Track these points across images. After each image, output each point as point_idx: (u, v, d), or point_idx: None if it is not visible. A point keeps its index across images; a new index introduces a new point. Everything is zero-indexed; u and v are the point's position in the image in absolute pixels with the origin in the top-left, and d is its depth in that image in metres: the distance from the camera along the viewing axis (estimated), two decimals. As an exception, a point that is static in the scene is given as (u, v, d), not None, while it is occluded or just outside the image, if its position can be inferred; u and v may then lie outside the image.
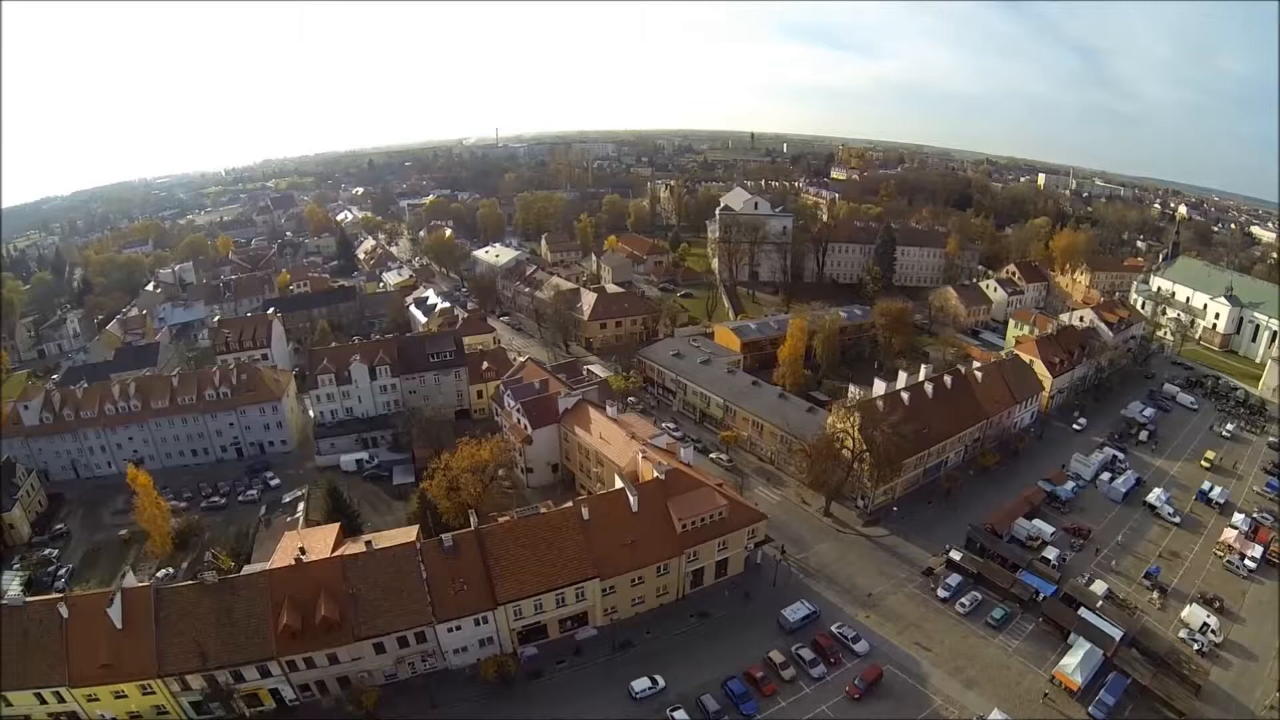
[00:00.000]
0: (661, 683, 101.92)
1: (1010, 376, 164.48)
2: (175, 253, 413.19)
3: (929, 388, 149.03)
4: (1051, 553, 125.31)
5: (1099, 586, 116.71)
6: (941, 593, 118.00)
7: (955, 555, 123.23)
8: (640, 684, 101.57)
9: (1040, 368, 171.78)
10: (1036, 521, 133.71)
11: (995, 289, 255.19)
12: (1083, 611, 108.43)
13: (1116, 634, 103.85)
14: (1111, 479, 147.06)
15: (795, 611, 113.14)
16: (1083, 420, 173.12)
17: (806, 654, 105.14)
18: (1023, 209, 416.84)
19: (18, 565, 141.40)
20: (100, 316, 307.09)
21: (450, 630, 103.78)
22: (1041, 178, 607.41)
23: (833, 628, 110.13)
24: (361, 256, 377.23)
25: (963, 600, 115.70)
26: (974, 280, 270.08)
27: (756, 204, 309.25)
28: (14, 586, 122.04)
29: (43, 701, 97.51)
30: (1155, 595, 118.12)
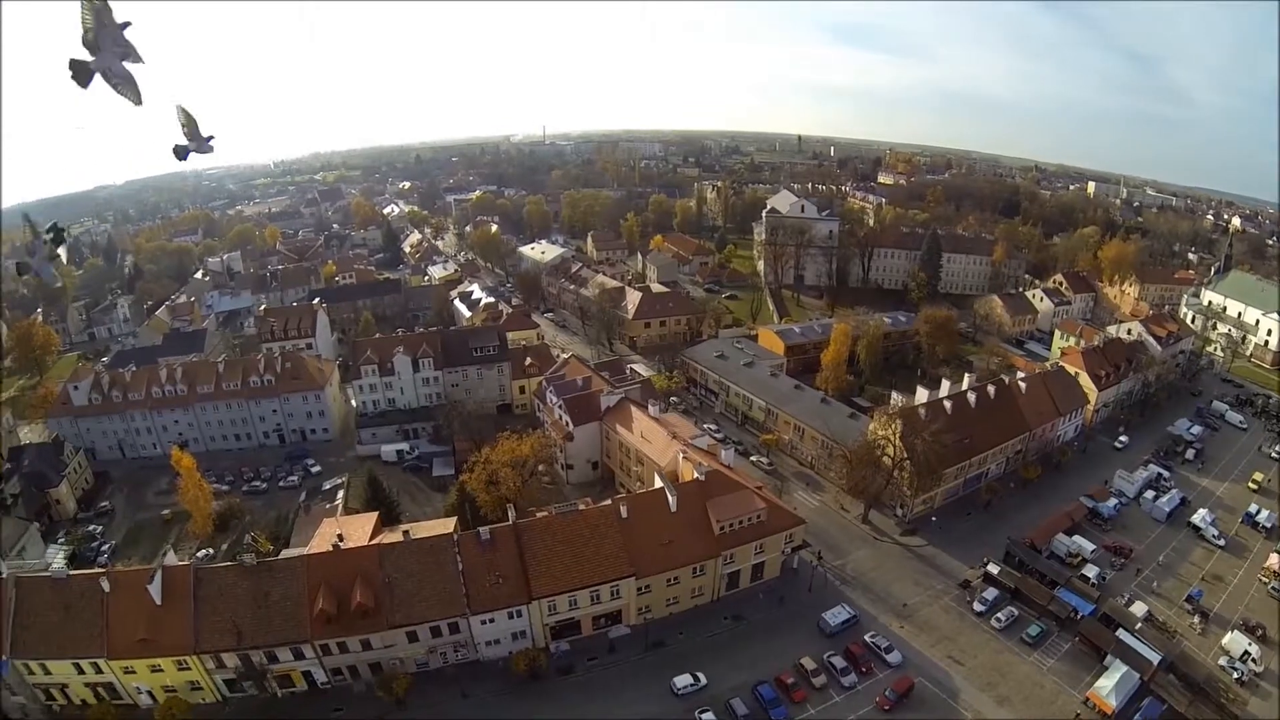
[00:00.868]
0: (704, 680, 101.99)
1: (1055, 388, 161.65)
2: (224, 242, 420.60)
3: (972, 397, 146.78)
4: (1091, 571, 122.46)
5: (1138, 608, 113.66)
6: (978, 606, 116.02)
7: (993, 569, 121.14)
8: (682, 680, 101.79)
9: (1085, 380, 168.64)
10: (1077, 538, 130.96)
11: (1041, 299, 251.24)
12: (1121, 633, 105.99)
13: (1155, 658, 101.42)
14: (1155, 498, 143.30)
15: (836, 615, 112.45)
16: (1124, 438, 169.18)
17: (838, 662, 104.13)
18: (1071, 218, 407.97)
19: (63, 539, 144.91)
20: (150, 302, 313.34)
21: (483, 622, 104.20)
22: (1091, 186, 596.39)
23: (866, 637, 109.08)
24: (407, 250, 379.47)
25: (999, 615, 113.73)
26: (1020, 289, 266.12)
27: (803, 207, 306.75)
28: (58, 560, 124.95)
29: (80, 672, 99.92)
30: (1196, 620, 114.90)
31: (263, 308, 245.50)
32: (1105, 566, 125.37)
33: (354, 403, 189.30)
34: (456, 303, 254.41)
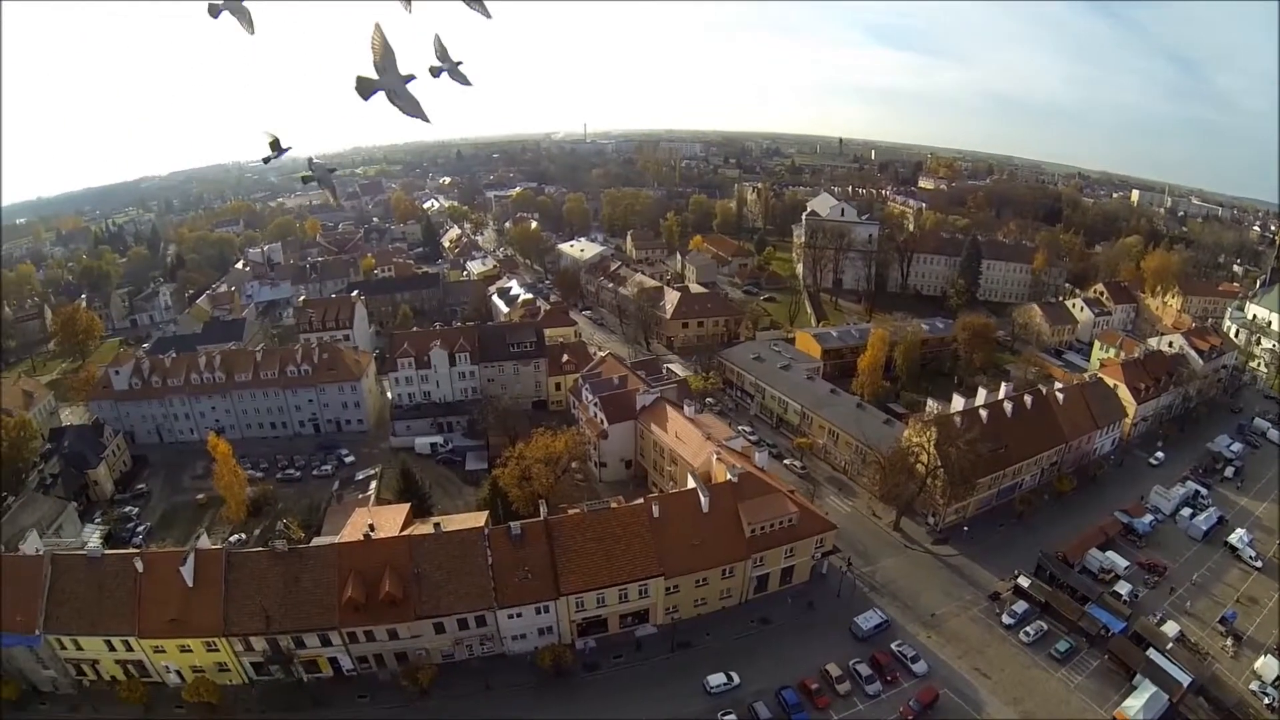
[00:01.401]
0: (737, 679, 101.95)
1: (1093, 400, 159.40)
2: (265, 233, 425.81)
3: (1008, 406, 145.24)
4: (1124, 588, 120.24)
5: (1170, 628, 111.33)
6: (1006, 619, 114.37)
7: (1024, 582, 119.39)
8: (716, 679, 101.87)
9: (1124, 393, 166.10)
10: (1110, 554, 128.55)
11: (1081, 308, 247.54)
12: (1151, 652, 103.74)
13: (1185, 679, 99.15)
14: (1192, 515, 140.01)
15: (868, 620, 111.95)
16: (1160, 455, 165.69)
17: (864, 669, 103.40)
18: (1114, 226, 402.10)
19: (99, 519, 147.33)
20: (191, 291, 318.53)
21: (511, 617, 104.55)
22: (1135, 194, 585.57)
23: (892, 645, 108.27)
24: (446, 244, 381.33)
25: (1028, 629, 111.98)
26: (1060, 298, 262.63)
27: (843, 210, 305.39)
28: (94, 539, 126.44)
29: (111, 649, 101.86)
30: (1229, 642, 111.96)
31: (302, 298, 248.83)
32: (1138, 584, 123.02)
33: (389, 394, 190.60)
34: (495, 298, 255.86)
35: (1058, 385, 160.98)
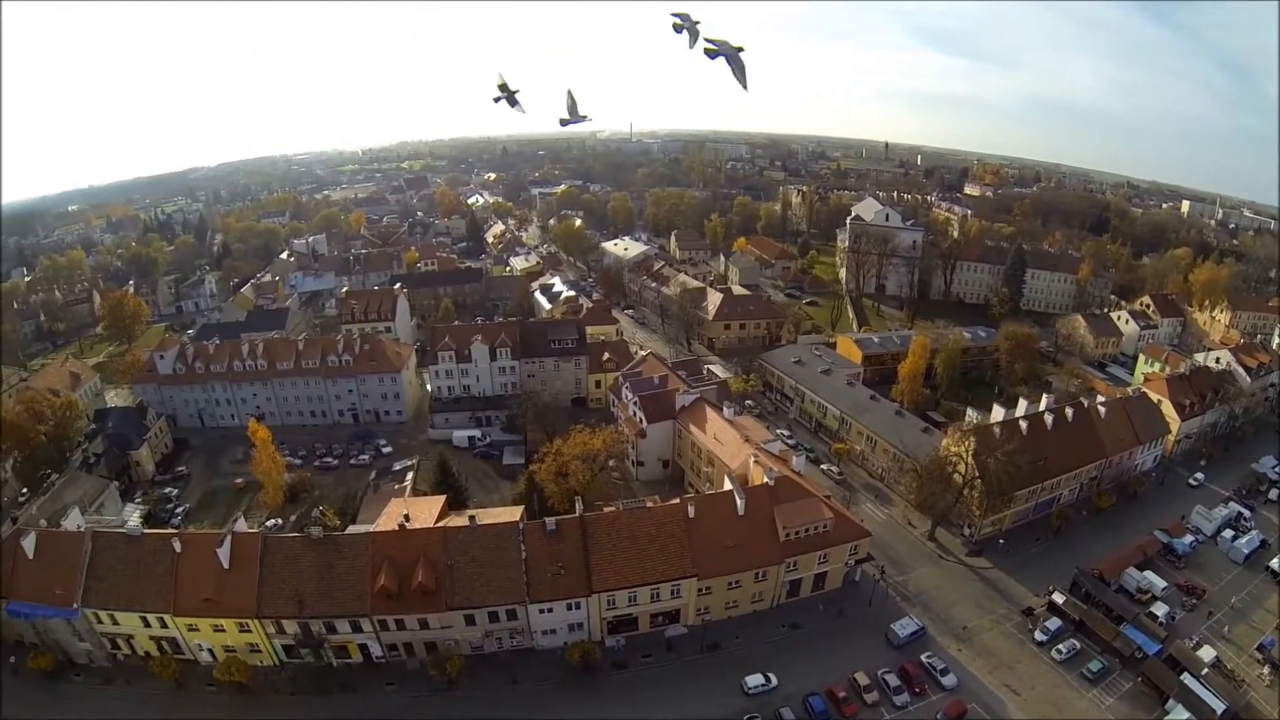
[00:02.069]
0: (775, 681, 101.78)
1: (1135, 415, 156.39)
2: (310, 225, 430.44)
3: (1049, 419, 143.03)
4: (1160, 609, 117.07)
5: (1206, 652, 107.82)
6: (1039, 636, 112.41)
7: (1058, 598, 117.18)
8: (754, 680, 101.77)
9: (1168, 409, 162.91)
10: (1148, 573, 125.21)
11: (1127, 321, 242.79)
12: (1185, 677, 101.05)
13: (1219, 706, 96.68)
14: (1234, 538, 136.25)
15: (904, 627, 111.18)
16: (1200, 475, 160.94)
17: (892, 680, 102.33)
18: (1163, 237, 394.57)
19: (140, 499, 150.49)
20: (236, 280, 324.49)
21: (542, 611, 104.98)
22: (1185, 205, 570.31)
23: (922, 657, 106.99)
24: (490, 240, 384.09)
25: (1060, 647, 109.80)
26: (1105, 310, 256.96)
27: (888, 215, 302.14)
28: (134, 518, 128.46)
29: (146, 625, 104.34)
30: (1266, 670, 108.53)
31: (345, 290, 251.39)
32: (1175, 606, 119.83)
33: (429, 387, 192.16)
34: (537, 294, 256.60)
35: (1100, 399, 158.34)
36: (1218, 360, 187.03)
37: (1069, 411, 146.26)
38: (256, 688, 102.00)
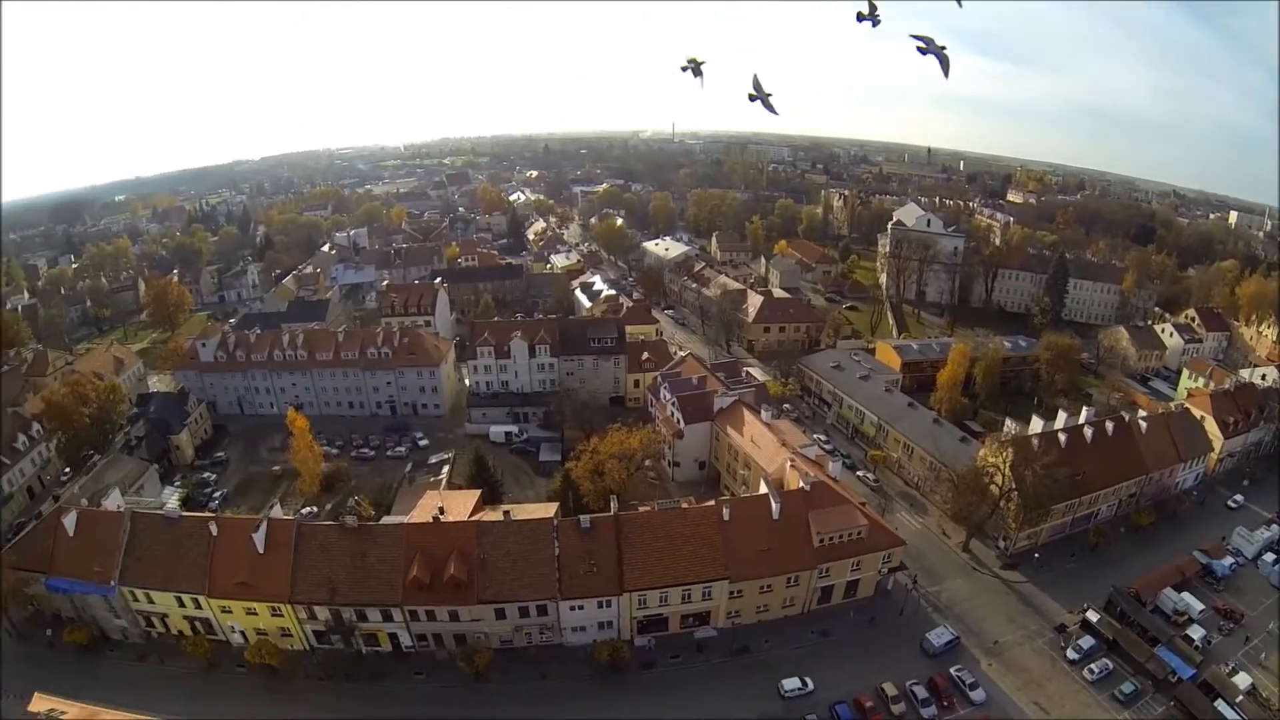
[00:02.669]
0: (811, 685, 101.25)
1: (1177, 431, 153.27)
2: (352, 218, 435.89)
3: (1089, 432, 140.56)
4: (1196, 632, 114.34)
5: (1242, 679, 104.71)
6: (1071, 654, 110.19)
7: (1092, 616, 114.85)
8: (790, 683, 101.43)
9: (1211, 426, 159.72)
10: (1185, 595, 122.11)
11: (1171, 334, 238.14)
12: (1219, 703, 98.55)
13: None
14: (1275, 561, 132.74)
15: (939, 636, 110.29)
16: (1239, 497, 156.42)
17: (920, 691, 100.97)
18: (1209, 249, 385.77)
19: (179, 483, 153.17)
20: (278, 271, 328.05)
21: (573, 608, 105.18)
22: (1233, 216, 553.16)
23: (952, 670, 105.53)
24: (531, 237, 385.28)
25: (1092, 666, 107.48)
26: (1148, 322, 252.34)
27: (929, 221, 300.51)
28: (173, 501, 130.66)
29: (181, 605, 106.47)
30: None
31: (385, 283, 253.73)
32: (1212, 629, 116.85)
33: (467, 382, 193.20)
34: (577, 293, 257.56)
35: (1141, 413, 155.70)
36: (1264, 377, 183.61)
37: (1109, 425, 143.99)
38: (286, 671, 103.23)
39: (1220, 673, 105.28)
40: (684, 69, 36.44)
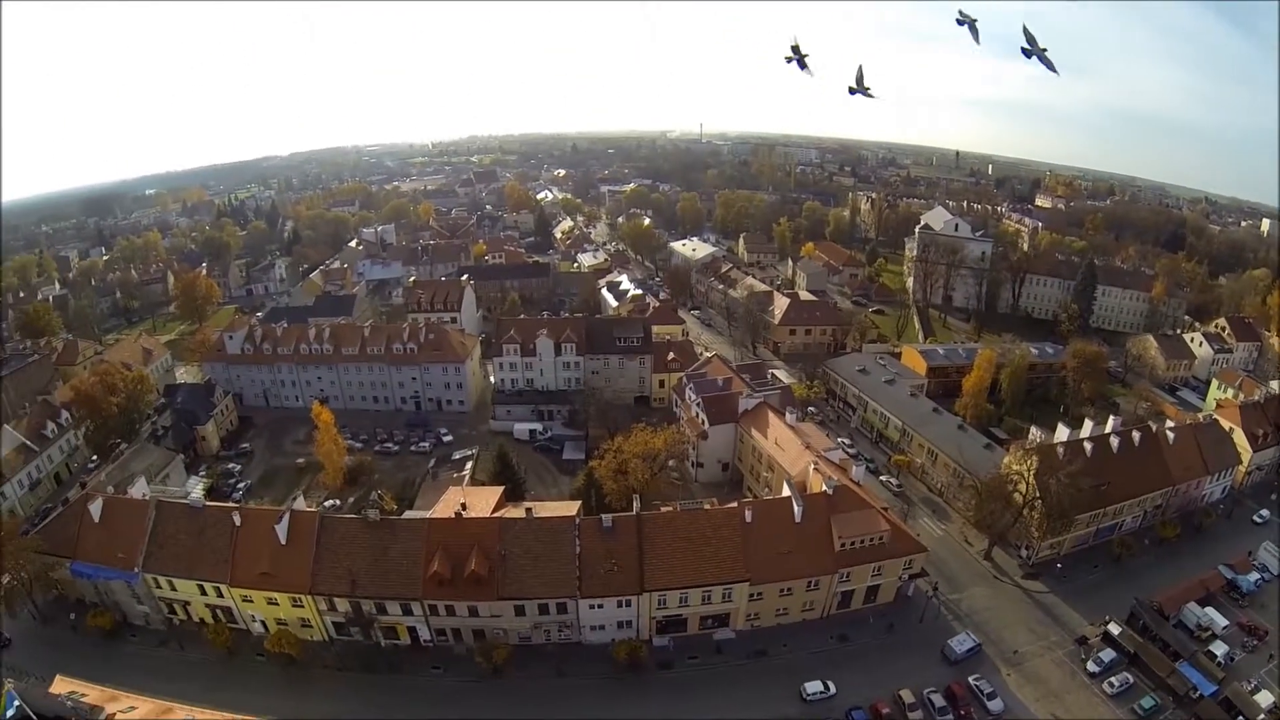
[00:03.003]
0: (834, 689, 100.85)
1: (1205, 443, 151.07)
2: (379, 215, 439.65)
3: (1115, 441, 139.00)
4: (1219, 648, 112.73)
5: (1264, 698, 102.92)
6: (1092, 666, 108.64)
7: (1114, 629, 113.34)
8: (813, 686, 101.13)
9: (1240, 438, 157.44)
10: (1209, 610, 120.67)
11: (1200, 343, 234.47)
12: None
13: None
14: None
15: (961, 643, 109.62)
16: (1265, 513, 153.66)
17: (937, 700, 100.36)
18: (1241, 257, 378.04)
19: (204, 473, 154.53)
20: (305, 266, 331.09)
21: (592, 607, 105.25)
22: (1266, 223, 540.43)
23: (970, 679, 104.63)
24: (558, 236, 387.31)
25: (1113, 679, 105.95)
26: (1178, 331, 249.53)
27: (957, 225, 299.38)
28: (197, 490, 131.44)
29: (203, 593, 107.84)
30: None
31: (412, 279, 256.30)
32: (1235, 646, 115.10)
33: (492, 379, 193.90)
34: (604, 292, 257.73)
35: (1169, 424, 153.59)
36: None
37: (1136, 435, 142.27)
38: (305, 661, 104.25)
39: (1242, 690, 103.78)
40: (788, 60, 37.25)
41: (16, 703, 60.32)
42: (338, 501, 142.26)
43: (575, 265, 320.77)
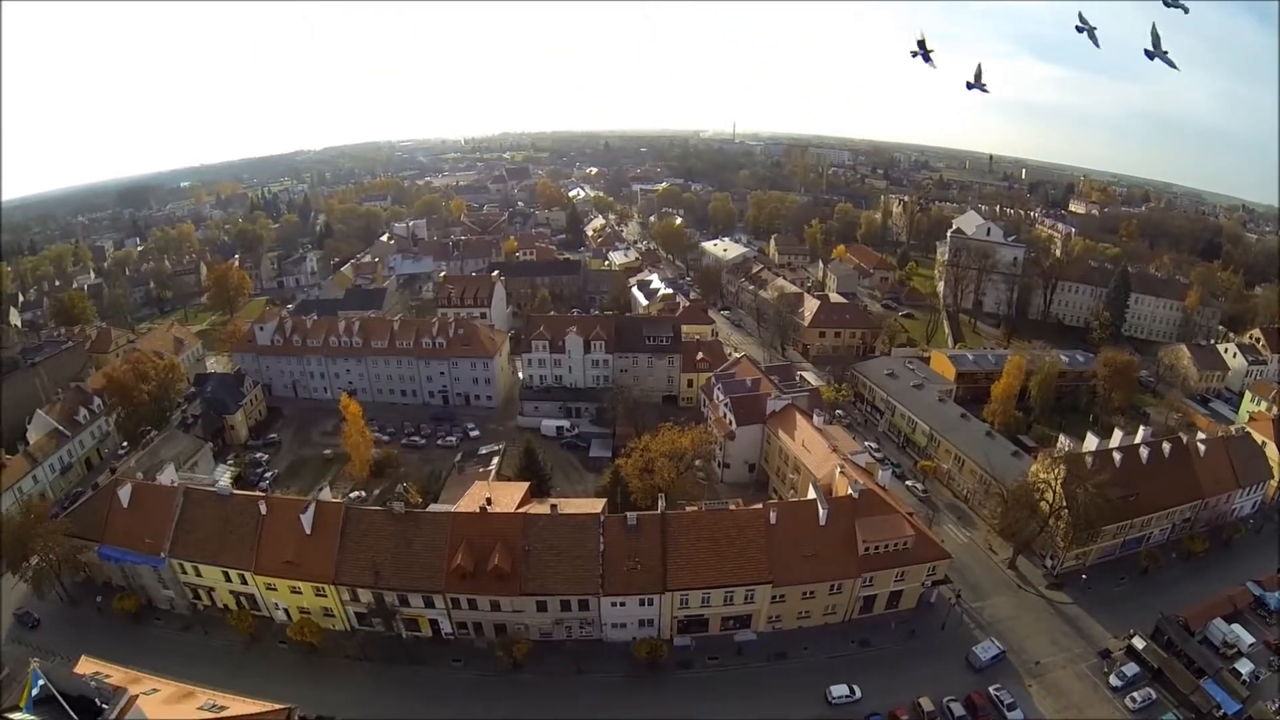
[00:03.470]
0: (859, 693, 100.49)
1: (1236, 456, 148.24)
2: (411, 209, 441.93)
3: (1144, 452, 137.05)
4: (1245, 666, 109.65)
5: None
6: (1115, 680, 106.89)
7: (1138, 643, 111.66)
8: (839, 690, 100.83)
9: (1273, 451, 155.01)
10: (1236, 627, 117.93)
11: (1234, 354, 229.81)
12: None
13: None
14: None
15: (986, 650, 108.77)
16: None
17: (957, 709, 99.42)
18: (1278, 267, 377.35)
19: (231, 461, 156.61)
20: (336, 259, 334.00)
21: (614, 605, 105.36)
22: None
23: (991, 689, 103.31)
24: (589, 233, 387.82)
25: (1135, 695, 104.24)
26: (1211, 341, 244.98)
27: (989, 230, 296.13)
28: (225, 479, 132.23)
29: (228, 580, 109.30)
30: None
31: (442, 274, 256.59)
32: (1262, 664, 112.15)
33: (520, 375, 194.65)
34: (634, 290, 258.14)
35: (1200, 435, 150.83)
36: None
37: (1166, 446, 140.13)
38: (327, 650, 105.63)
39: (1267, 710, 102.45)
40: (913, 54, 38.05)
41: (41, 681, 61.18)
42: (363, 493, 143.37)
43: (606, 263, 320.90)
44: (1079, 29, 32.63)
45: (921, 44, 35.88)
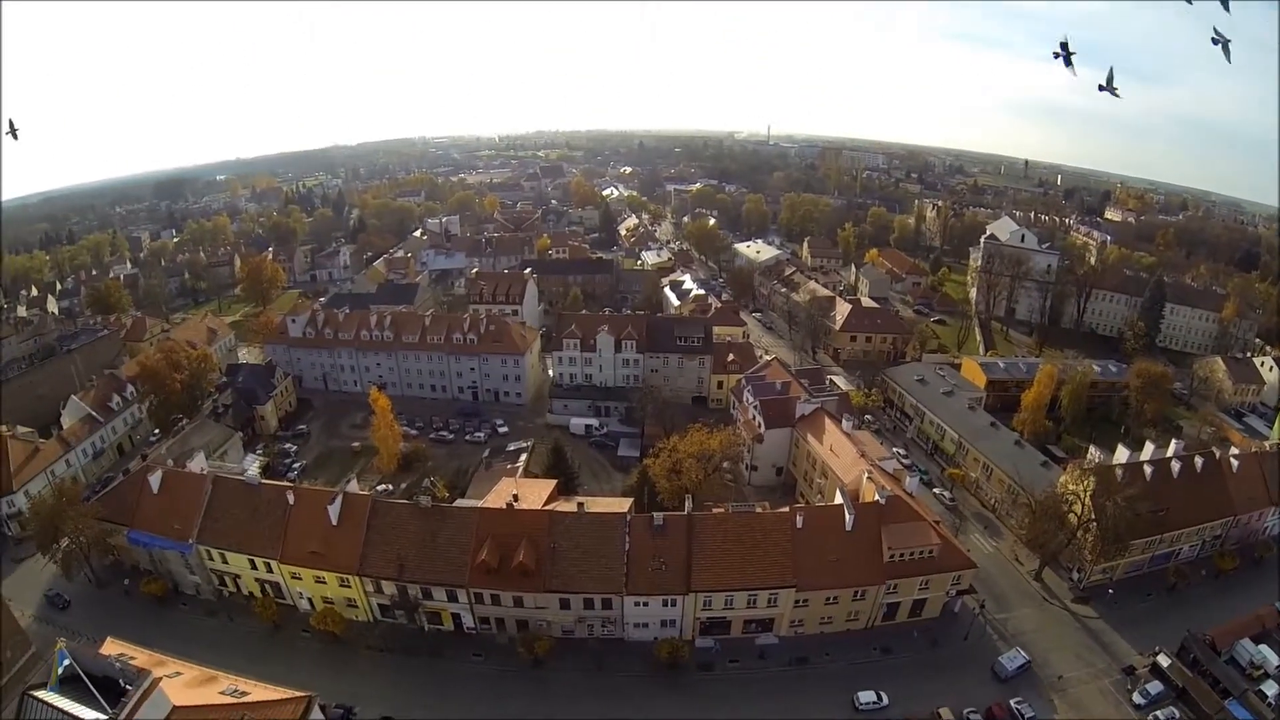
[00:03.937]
0: (886, 700, 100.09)
1: (1271, 473, 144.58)
2: (444, 206, 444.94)
3: (1176, 466, 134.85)
4: (1271, 689, 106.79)
5: None
6: (1138, 698, 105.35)
7: (1163, 661, 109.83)
8: (866, 696, 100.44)
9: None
10: (1263, 647, 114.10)
11: (1271, 368, 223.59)
12: None
13: None
14: None
15: (1012, 660, 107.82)
16: None
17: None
18: None
19: (261, 451, 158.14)
20: (369, 253, 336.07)
21: (637, 604, 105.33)
22: None
23: (1012, 702, 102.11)
24: (623, 233, 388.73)
25: (1158, 713, 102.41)
26: (1248, 354, 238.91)
27: (1023, 236, 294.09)
28: (254, 468, 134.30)
29: (253, 568, 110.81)
30: None
31: (475, 270, 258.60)
32: None
33: (551, 372, 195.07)
34: (666, 290, 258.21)
35: (1233, 451, 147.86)
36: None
37: (1198, 461, 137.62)
38: (349, 640, 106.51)
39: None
40: (1056, 55, 37.86)
41: (67, 661, 62.08)
42: (390, 486, 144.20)
43: (639, 263, 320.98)
44: (1214, 41, 32.58)
45: (1064, 45, 35.75)
